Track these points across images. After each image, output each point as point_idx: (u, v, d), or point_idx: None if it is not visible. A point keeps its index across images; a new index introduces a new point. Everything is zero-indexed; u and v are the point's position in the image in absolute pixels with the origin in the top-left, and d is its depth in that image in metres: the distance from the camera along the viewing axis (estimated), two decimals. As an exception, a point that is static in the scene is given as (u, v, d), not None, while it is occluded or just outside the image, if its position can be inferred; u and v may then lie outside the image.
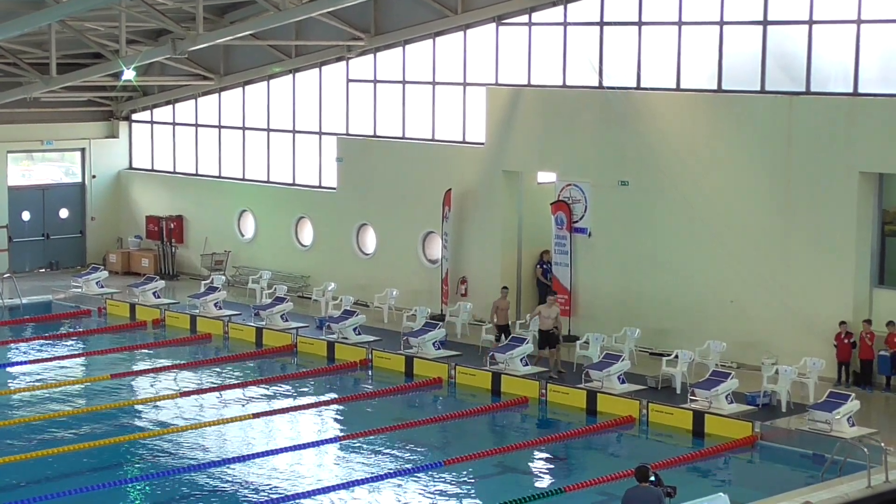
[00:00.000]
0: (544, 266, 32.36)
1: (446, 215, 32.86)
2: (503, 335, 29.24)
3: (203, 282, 35.51)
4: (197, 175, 39.88)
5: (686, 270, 29.26)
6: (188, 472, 22.38)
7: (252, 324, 32.48)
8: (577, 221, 30.94)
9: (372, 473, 22.40)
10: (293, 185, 37.25)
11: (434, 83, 33.80)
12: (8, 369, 29.69)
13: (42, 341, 32.30)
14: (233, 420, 25.55)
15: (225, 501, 21.32)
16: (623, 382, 26.50)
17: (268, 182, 37.93)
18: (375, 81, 35.11)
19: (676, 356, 26.98)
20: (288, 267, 36.75)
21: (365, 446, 24.06)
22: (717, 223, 28.69)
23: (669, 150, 29.41)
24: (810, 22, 27.50)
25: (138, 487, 21.87)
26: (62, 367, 29.86)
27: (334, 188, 36.03)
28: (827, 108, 27.29)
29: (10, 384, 28.48)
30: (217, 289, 34.23)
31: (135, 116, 41.59)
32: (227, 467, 22.65)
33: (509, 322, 29.90)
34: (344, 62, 35.72)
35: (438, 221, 33.15)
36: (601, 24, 30.61)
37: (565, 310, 30.90)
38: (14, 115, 38.68)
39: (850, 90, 27.13)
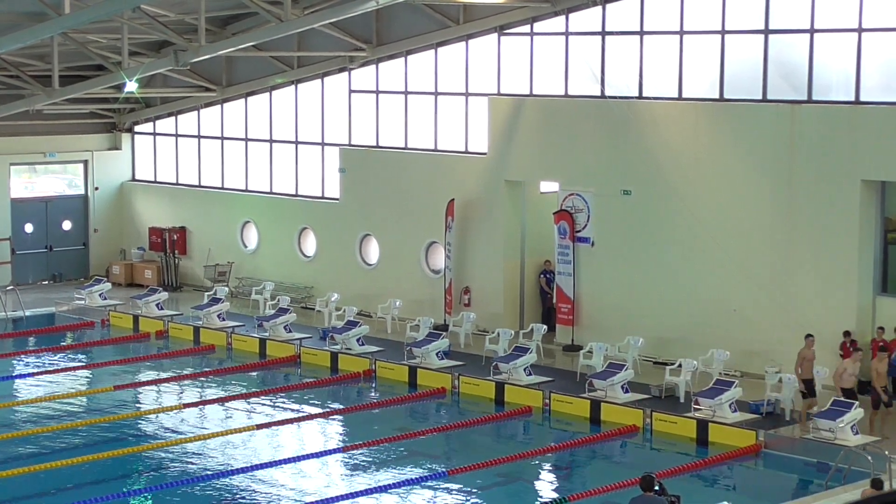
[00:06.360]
0: (547, 276, 32.37)
1: (449, 225, 32.86)
2: (808, 390, 25.05)
3: (206, 293, 35.51)
4: (200, 186, 39.91)
5: (689, 279, 29.24)
6: (192, 484, 22.38)
7: (255, 335, 32.47)
8: (579, 231, 30.92)
9: (376, 484, 22.38)
10: (296, 195, 37.25)
11: (436, 93, 33.81)
12: (11, 382, 29.70)
13: (45, 353, 32.31)
14: (236, 431, 25.54)
15: (229, 512, 21.39)
16: (626, 391, 26.49)
17: (270, 193, 37.94)
18: (378, 92, 35.13)
19: (680, 365, 26.98)
20: (291, 278, 36.75)
21: (368, 457, 24.05)
22: (720, 232, 28.66)
23: (671, 160, 29.42)
24: (812, 31, 27.51)
25: (142, 499, 21.86)
26: (65, 379, 29.87)
27: (337, 199, 36.04)
28: (829, 117, 27.30)
29: (13, 396, 28.48)
30: (220, 300, 34.24)
31: (137, 128, 41.62)
32: (231, 478, 22.63)
33: (814, 374, 25.35)
34: (346, 73, 35.76)
35: (441, 231, 33.15)
36: (603, 33, 30.63)
37: (568, 319, 30.92)
38: (17, 128, 38.72)
39: (852, 98, 27.13)
